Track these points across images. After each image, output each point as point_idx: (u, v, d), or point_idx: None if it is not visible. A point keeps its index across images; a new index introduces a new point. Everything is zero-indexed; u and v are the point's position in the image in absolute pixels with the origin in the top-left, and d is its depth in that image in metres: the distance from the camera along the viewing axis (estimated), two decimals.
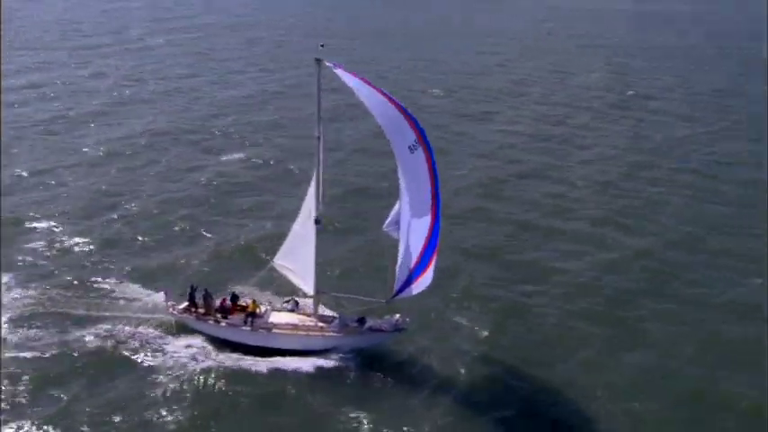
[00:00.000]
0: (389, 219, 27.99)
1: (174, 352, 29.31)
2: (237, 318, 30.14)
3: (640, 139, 67.33)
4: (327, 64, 26.78)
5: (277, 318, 30.21)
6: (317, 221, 28.90)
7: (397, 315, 29.29)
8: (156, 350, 29.34)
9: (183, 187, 49.29)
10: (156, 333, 30.38)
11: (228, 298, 30.81)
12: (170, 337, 30.19)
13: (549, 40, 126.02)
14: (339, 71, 26.27)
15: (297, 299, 31.57)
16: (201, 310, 30.55)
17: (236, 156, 56.38)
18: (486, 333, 31.61)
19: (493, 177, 53.63)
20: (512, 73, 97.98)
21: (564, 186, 53.02)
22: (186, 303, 31.06)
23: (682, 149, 64.10)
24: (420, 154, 25.91)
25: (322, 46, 27.78)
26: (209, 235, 41.42)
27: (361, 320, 29.73)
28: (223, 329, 30.08)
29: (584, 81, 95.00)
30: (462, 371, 29.19)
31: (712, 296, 36.74)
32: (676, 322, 33.67)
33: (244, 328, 29.78)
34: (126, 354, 28.99)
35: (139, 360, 28.67)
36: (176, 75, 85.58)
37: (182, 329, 30.68)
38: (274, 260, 32.32)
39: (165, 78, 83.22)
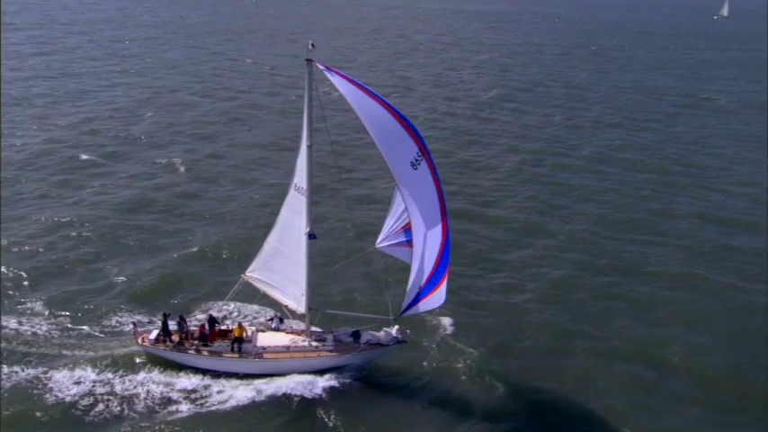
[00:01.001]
0: (382, 235, 25.77)
1: (149, 392, 25.62)
2: (222, 344, 26.92)
3: (529, 129, 70.27)
4: (320, 66, 24.02)
5: (265, 340, 27.17)
6: (311, 236, 26.20)
7: (396, 327, 27.25)
8: (127, 394, 25.47)
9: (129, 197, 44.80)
10: (125, 372, 26.54)
11: (206, 323, 27.48)
12: (142, 373, 26.50)
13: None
14: (330, 74, 23.64)
15: (280, 315, 28.78)
16: (176, 339, 27.10)
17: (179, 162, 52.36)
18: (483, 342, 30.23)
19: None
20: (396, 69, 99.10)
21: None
22: (157, 333, 27.41)
23: (572, 138, 67.36)
24: (424, 168, 23.65)
25: (313, 45, 24.79)
26: (166, 250, 37.75)
27: (356, 335, 27.42)
28: (206, 359, 26.61)
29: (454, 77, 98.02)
30: (464, 379, 27.70)
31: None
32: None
33: (230, 355, 26.68)
34: (99, 407, 24.93)
35: (113, 410, 24.80)
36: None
37: (154, 362, 27.05)
38: (247, 273, 29.21)
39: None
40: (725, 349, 30.69)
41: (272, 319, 28.65)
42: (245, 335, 26.82)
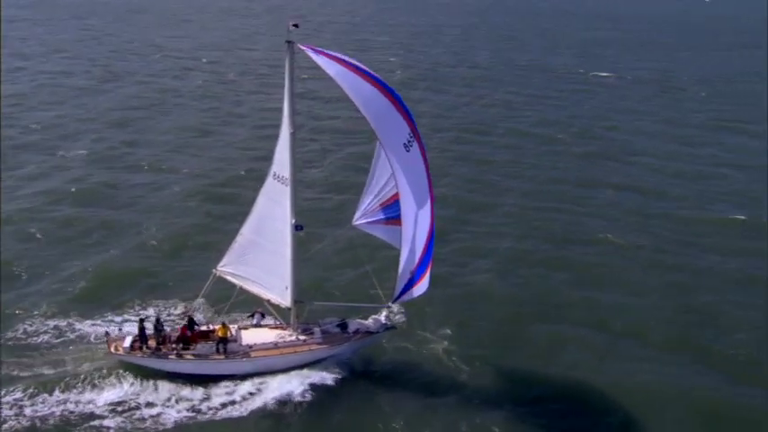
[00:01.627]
0: (359, 212, 24.63)
1: (130, 405, 23.37)
2: (205, 346, 25.09)
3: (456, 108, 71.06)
4: (302, 48, 22.38)
5: (250, 338, 25.55)
6: (299, 228, 24.71)
7: (384, 313, 26.52)
8: (104, 411, 23.01)
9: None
10: (99, 386, 24.07)
11: (185, 325, 25.52)
12: (120, 386, 24.11)
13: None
14: (316, 55, 22.06)
15: (262, 311, 27.21)
16: (153, 344, 24.99)
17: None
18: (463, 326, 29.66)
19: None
20: None
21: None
22: (132, 339, 25.17)
23: (487, 116, 68.67)
24: (416, 150, 22.68)
25: (295, 26, 22.81)
26: (106, 245, 34.91)
27: (343, 325, 26.46)
28: (189, 363, 24.66)
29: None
30: (432, 361, 27.18)
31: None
32: None
33: (215, 357, 24.92)
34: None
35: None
36: None
37: (131, 372, 24.79)
38: (219, 267, 27.30)
39: None
40: (657, 307, 32.07)
41: (252, 315, 26.97)
42: (229, 334, 25.15)
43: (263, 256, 26.33)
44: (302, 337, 25.75)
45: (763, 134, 64.42)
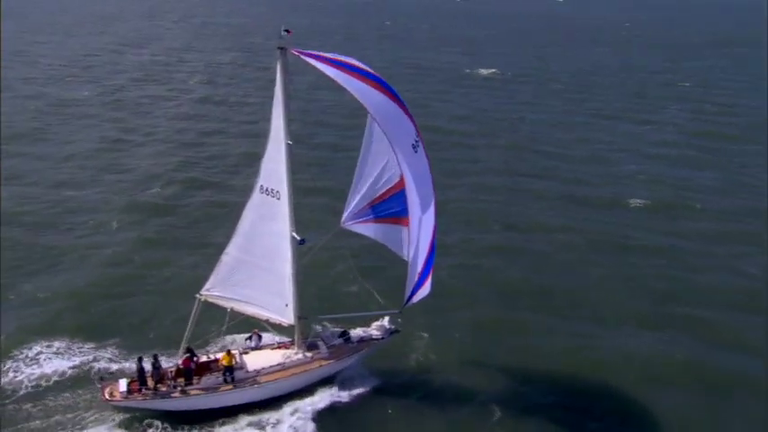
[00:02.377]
0: (348, 212, 23.33)
1: None
2: (211, 378, 23.02)
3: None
4: (295, 53, 21.03)
5: (255, 362, 23.71)
6: (302, 242, 23.10)
7: (387, 318, 25.65)
8: None
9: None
10: None
11: (185, 357, 23.28)
12: None
13: None
14: (314, 61, 20.85)
15: (258, 331, 25.43)
16: (152, 383, 22.60)
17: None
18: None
19: None
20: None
21: None
22: (127, 382, 22.65)
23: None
24: (421, 152, 22.00)
25: (286, 31, 21.19)
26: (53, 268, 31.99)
27: (345, 335, 25.36)
28: (196, 399, 22.52)
29: None
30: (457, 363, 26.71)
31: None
32: None
33: (224, 388, 22.93)
34: None
35: None
36: None
37: (132, 419, 22.27)
38: (203, 292, 25.16)
39: None
40: (614, 285, 33.71)
41: (250, 338, 25.17)
42: (234, 362, 23.29)
43: (256, 275, 24.56)
44: (308, 354, 24.34)
45: (646, 121, 69.87)
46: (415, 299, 23.67)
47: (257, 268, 24.49)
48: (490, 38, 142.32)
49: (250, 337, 25.16)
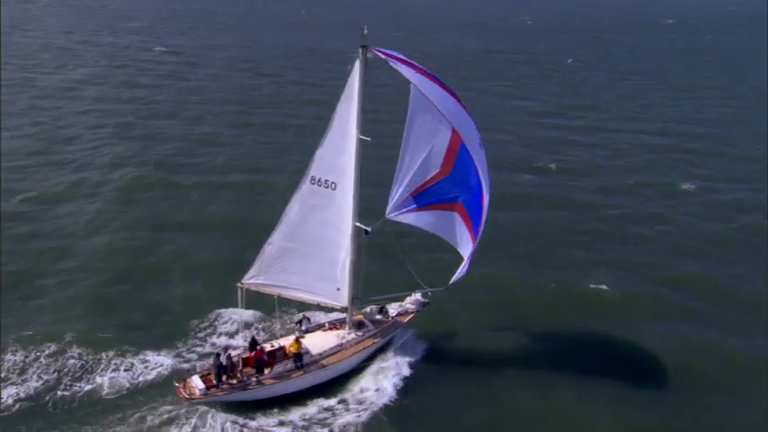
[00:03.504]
0: (391, 204, 24.38)
1: None
2: (282, 366, 22.97)
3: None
4: (376, 52, 21.11)
5: (315, 346, 23.93)
6: (367, 232, 23.36)
7: (418, 292, 26.89)
8: None
9: None
10: None
11: (258, 348, 23.05)
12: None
13: None
14: (394, 62, 21.18)
15: (307, 316, 25.65)
16: (227, 380, 22.10)
17: None
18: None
19: None
20: None
21: None
22: (202, 377, 21.96)
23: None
24: (483, 148, 23.18)
25: (364, 31, 21.18)
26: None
27: (383, 311, 26.38)
28: (271, 387, 22.47)
29: None
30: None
31: None
32: None
33: (295, 375, 23.01)
34: None
35: None
36: None
37: (209, 413, 21.66)
38: (245, 281, 24.70)
39: None
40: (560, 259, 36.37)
41: (300, 322, 25.28)
42: (302, 348, 23.42)
43: (304, 262, 24.65)
44: (359, 333, 25.15)
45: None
46: (458, 276, 24.91)
47: (304, 255, 24.57)
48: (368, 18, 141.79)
49: (300, 322, 25.27)
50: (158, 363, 24.07)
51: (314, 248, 24.44)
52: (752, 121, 68.87)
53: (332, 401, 22.91)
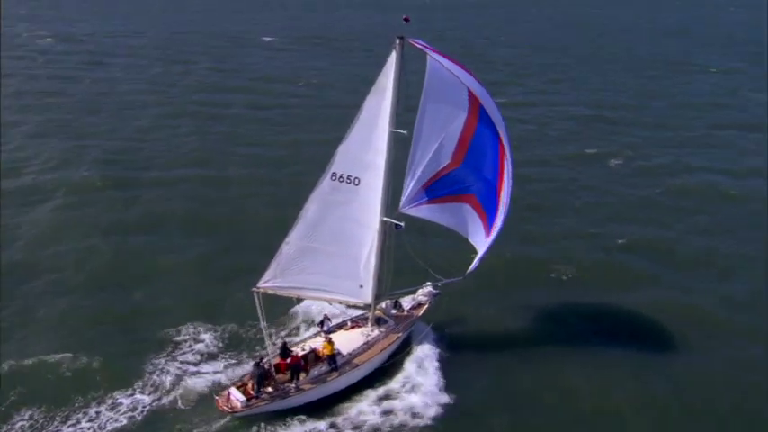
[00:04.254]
0: (404, 198, 23.23)
1: None
2: (319, 369, 21.78)
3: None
4: (417, 45, 20.20)
5: (343, 346, 22.82)
6: (398, 227, 22.47)
7: (428, 284, 26.50)
8: None
9: None
10: None
11: (293, 354, 21.71)
12: None
13: None
14: (436, 55, 20.49)
15: (328, 315, 24.44)
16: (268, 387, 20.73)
17: None
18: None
19: None
20: None
21: None
22: (239, 387, 20.43)
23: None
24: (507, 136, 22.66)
25: (406, 20, 20.04)
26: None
27: (397, 305, 25.71)
28: (311, 392, 21.24)
29: None
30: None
31: None
32: None
33: (331, 377, 21.89)
34: None
35: None
36: None
37: (249, 425, 20.18)
38: (261, 285, 22.96)
39: None
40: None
41: (322, 323, 24.05)
42: (335, 349, 22.36)
43: (325, 261, 23.37)
44: (382, 329, 24.43)
45: None
46: (476, 265, 24.44)
47: (325, 254, 23.37)
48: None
49: (322, 323, 24.12)
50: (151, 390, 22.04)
51: (336, 246, 23.30)
52: (666, 92, 71.70)
53: (368, 403, 21.98)
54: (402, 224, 22.55)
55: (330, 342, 22.25)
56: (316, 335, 23.81)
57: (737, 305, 29.62)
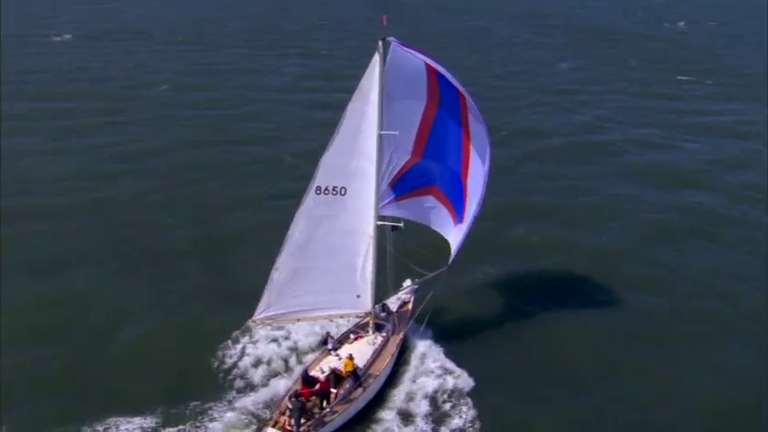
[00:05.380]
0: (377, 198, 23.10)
1: None
2: (342, 389, 20.49)
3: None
4: (398, 46, 19.36)
5: (357, 359, 21.54)
6: (394, 228, 21.68)
7: (408, 281, 25.95)
8: None
9: None
10: None
11: (323, 380, 20.37)
12: None
13: None
14: (421, 56, 19.79)
15: (330, 333, 23.06)
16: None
17: None
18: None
19: None
20: None
21: None
22: (276, 424, 18.81)
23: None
24: (482, 126, 21.88)
25: (384, 20, 18.83)
26: None
27: (385, 308, 24.87)
28: (344, 414, 19.94)
29: None
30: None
31: None
32: None
33: (357, 393, 20.55)
34: None
35: None
36: None
37: None
38: (257, 317, 21.68)
39: None
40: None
41: (325, 341, 22.58)
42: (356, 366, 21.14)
43: (319, 279, 22.10)
44: (384, 334, 23.58)
45: None
46: (455, 254, 24.14)
47: (318, 271, 22.07)
48: None
49: (325, 341, 22.71)
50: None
51: (329, 261, 22.03)
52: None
53: (389, 411, 21.20)
54: (401, 224, 21.86)
55: (351, 358, 21.07)
56: (321, 355, 22.44)
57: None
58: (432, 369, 22.72)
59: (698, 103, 66.59)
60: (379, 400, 21.47)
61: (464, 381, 22.12)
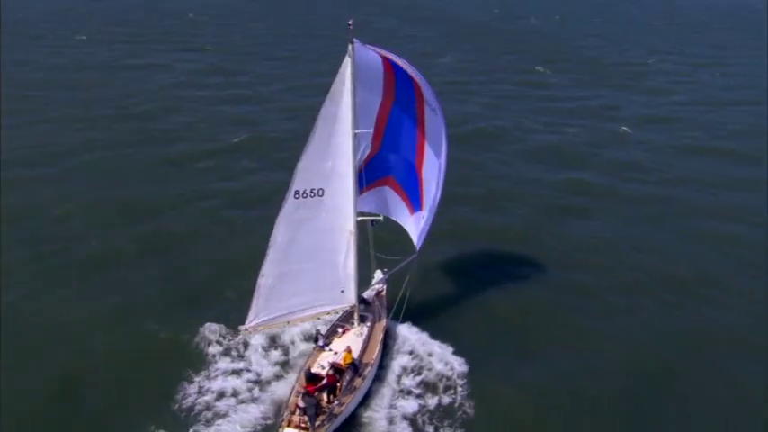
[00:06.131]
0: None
1: None
2: (347, 379, 20.81)
3: None
4: (369, 49, 20.09)
5: (354, 349, 22.17)
6: (373, 223, 22.57)
7: (377, 270, 26.57)
8: None
9: None
10: None
11: (329, 375, 20.57)
12: None
13: None
14: (375, 49, 20.37)
15: (319, 330, 23.15)
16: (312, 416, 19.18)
17: None
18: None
19: None
20: None
21: None
22: (290, 423, 18.91)
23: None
24: (439, 118, 22.56)
25: (350, 24, 19.22)
26: None
27: (363, 299, 25.28)
28: (350, 405, 20.38)
29: None
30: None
31: None
32: None
33: (358, 383, 20.94)
34: None
35: None
36: None
37: None
38: (248, 325, 21.79)
39: None
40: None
41: (317, 339, 22.66)
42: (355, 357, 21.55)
43: (303, 279, 22.30)
44: (368, 324, 24.17)
45: None
46: (423, 237, 24.46)
47: (303, 272, 22.26)
48: None
49: (316, 339, 22.86)
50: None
51: (311, 261, 22.25)
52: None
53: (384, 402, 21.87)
54: (380, 217, 22.61)
55: (349, 351, 21.52)
56: (315, 353, 22.63)
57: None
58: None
59: (566, 90, 72.72)
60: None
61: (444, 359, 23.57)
